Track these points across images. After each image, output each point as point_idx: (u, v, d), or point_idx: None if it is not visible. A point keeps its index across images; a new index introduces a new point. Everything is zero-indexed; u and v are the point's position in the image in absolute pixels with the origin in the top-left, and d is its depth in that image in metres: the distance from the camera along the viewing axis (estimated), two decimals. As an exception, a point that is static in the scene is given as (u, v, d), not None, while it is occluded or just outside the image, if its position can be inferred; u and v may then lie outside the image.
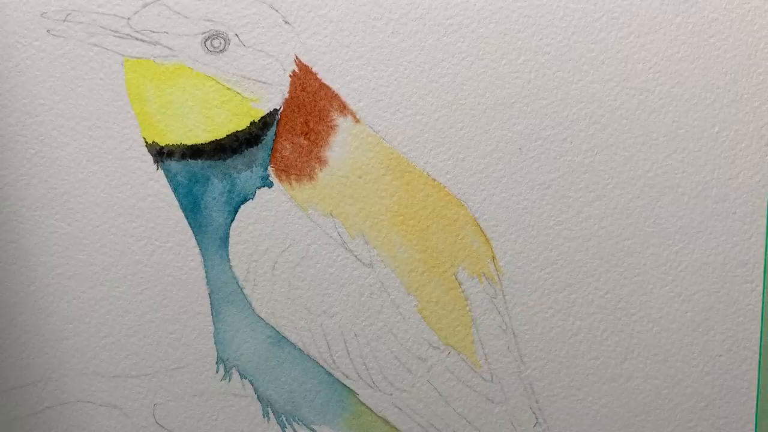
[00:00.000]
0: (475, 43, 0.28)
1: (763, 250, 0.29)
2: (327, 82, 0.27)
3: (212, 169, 0.27)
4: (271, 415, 0.28)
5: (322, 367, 0.28)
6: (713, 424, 0.30)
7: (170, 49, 0.27)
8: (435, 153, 0.28)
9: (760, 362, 0.30)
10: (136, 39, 0.27)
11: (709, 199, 0.28)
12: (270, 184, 0.27)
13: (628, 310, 0.29)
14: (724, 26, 0.27)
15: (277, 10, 0.27)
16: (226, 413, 0.28)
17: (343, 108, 0.28)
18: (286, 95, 0.27)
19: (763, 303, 0.29)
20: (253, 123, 0.27)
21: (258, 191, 0.27)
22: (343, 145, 0.28)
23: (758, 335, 0.29)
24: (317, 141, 0.28)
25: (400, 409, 0.28)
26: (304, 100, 0.27)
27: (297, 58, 0.27)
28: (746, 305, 0.29)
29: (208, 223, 0.27)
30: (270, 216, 0.28)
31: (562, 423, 0.29)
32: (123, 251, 0.27)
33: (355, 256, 0.28)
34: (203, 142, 0.27)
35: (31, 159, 0.27)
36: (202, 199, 0.27)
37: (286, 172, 0.28)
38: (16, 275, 0.27)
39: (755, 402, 0.30)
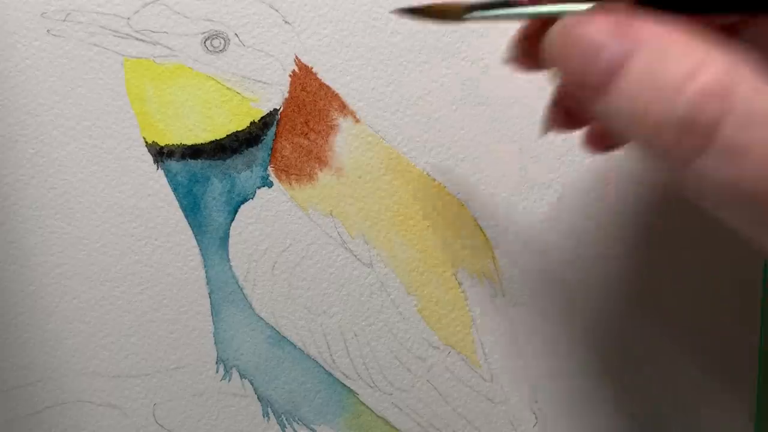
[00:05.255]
0: (475, 43, 0.27)
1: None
2: (327, 82, 0.27)
3: (212, 169, 0.27)
4: (271, 415, 0.28)
5: (322, 367, 0.28)
6: (713, 425, 0.30)
7: (170, 49, 0.27)
8: (435, 153, 0.28)
9: (760, 364, 0.30)
10: (136, 39, 0.27)
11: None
12: (270, 184, 0.27)
13: (629, 310, 0.29)
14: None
15: (277, 10, 0.27)
16: (226, 413, 0.28)
17: (343, 108, 0.28)
18: (286, 95, 0.27)
19: (762, 305, 0.29)
20: (253, 123, 0.27)
21: (258, 191, 0.27)
22: (343, 145, 0.28)
23: (758, 337, 0.29)
24: (317, 141, 0.28)
25: (400, 409, 0.28)
26: (304, 100, 0.27)
27: (297, 58, 0.27)
28: (746, 308, 0.29)
29: (208, 223, 0.27)
30: (270, 216, 0.28)
31: (562, 423, 0.29)
32: (123, 251, 0.27)
33: (355, 256, 0.28)
34: (203, 142, 0.27)
35: (31, 159, 0.27)
36: (202, 199, 0.27)
37: (286, 172, 0.28)
38: (16, 275, 0.27)
39: (755, 404, 0.30)
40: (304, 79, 0.27)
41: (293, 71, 0.27)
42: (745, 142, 0.14)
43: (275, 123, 0.27)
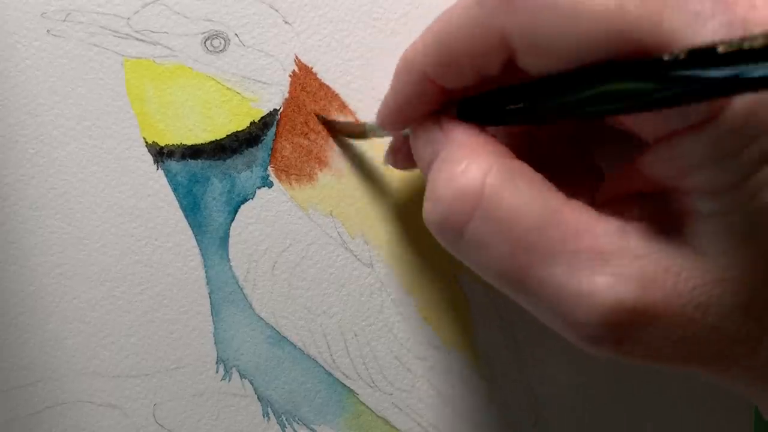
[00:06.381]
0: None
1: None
2: (327, 82, 0.28)
3: (212, 169, 0.27)
4: (271, 415, 0.28)
5: (322, 367, 0.28)
6: (713, 425, 0.30)
7: (170, 49, 0.27)
8: (435, 153, 0.28)
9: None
10: (136, 39, 0.27)
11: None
12: (270, 184, 0.27)
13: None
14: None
15: (277, 10, 0.27)
16: (226, 413, 0.28)
17: (343, 108, 0.28)
18: (286, 95, 0.27)
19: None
20: (253, 123, 0.27)
21: (258, 191, 0.27)
22: (343, 145, 0.28)
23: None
24: (317, 141, 0.28)
25: (400, 409, 0.28)
26: (304, 100, 0.27)
27: (297, 58, 0.27)
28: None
29: (208, 223, 0.27)
30: (270, 216, 0.28)
31: (562, 423, 0.29)
32: (123, 251, 0.27)
33: (355, 256, 0.28)
34: (203, 142, 0.27)
35: (31, 159, 0.27)
36: (202, 199, 0.27)
37: (286, 172, 0.28)
38: (16, 275, 0.27)
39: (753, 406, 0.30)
40: (304, 79, 0.27)
41: (293, 71, 0.27)
42: (485, 239, 0.17)
43: (275, 123, 0.27)
